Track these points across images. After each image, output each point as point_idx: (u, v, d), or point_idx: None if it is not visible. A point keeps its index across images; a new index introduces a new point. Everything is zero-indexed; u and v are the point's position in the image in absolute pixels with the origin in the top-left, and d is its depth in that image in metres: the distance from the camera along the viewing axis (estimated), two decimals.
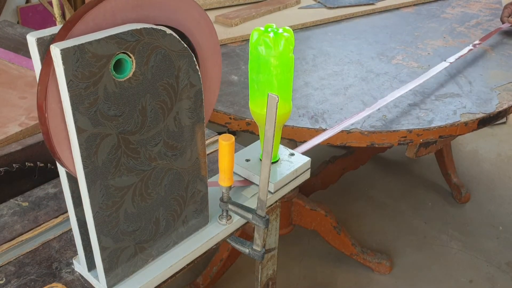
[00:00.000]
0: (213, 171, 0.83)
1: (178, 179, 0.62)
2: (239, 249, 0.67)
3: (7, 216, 0.73)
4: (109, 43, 0.48)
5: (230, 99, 1.12)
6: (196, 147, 0.62)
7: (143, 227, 0.60)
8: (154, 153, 0.57)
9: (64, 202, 0.74)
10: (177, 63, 0.55)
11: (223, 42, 1.43)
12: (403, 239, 1.81)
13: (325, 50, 1.41)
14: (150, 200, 0.59)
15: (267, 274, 0.91)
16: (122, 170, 0.54)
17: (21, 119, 0.88)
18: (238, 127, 1.07)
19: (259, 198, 0.62)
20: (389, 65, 1.32)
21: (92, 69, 0.47)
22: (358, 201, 1.98)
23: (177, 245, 0.65)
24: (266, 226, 0.63)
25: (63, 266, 0.64)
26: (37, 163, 0.82)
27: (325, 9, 1.70)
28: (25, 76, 1.04)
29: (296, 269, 1.67)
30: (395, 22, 1.65)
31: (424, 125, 1.03)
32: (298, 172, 0.77)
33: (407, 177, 2.14)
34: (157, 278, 0.61)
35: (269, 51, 0.66)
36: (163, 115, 0.56)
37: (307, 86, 1.20)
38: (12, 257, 0.66)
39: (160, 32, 0.52)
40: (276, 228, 0.87)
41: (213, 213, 0.69)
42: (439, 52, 1.40)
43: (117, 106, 0.51)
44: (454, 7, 1.83)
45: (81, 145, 0.49)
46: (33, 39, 0.48)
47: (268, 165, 0.59)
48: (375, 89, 1.18)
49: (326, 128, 1.01)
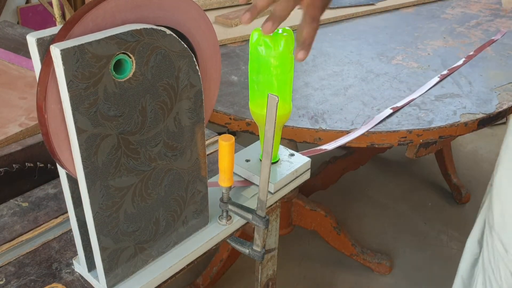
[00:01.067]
0: (213, 171, 0.83)
1: (178, 180, 0.62)
2: (239, 249, 0.67)
3: (7, 216, 0.73)
4: (109, 43, 0.48)
5: (230, 100, 1.12)
6: (196, 148, 0.62)
7: (143, 227, 0.60)
8: (154, 153, 0.57)
9: (64, 203, 0.74)
10: (177, 63, 0.55)
11: (223, 43, 1.43)
12: (403, 240, 1.80)
13: (325, 51, 1.41)
14: (150, 200, 0.59)
15: (267, 275, 0.91)
16: (122, 171, 0.54)
17: (21, 120, 0.88)
18: (238, 128, 1.07)
19: (259, 199, 0.62)
20: (389, 65, 1.32)
21: (92, 70, 0.47)
22: (358, 202, 1.98)
23: (177, 246, 0.65)
24: (266, 226, 0.63)
25: (63, 267, 0.64)
26: (37, 163, 0.82)
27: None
28: (25, 77, 1.04)
29: (296, 269, 1.67)
30: (395, 23, 1.65)
31: (424, 126, 1.03)
32: (298, 173, 0.77)
33: (407, 177, 2.14)
34: (157, 279, 0.61)
35: (269, 51, 0.66)
36: (163, 115, 0.56)
37: (307, 86, 1.20)
38: (12, 258, 0.66)
39: (160, 32, 0.52)
40: (276, 228, 0.87)
41: (213, 213, 0.69)
42: (439, 52, 1.40)
43: (117, 107, 0.51)
44: (454, 7, 1.83)
45: (81, 146, 0.49)
46: (33, 40, 0.48)
47: (268, 165, 0.59)
48: (375, 90, 1.18)
49: (326, 128, 1.01)
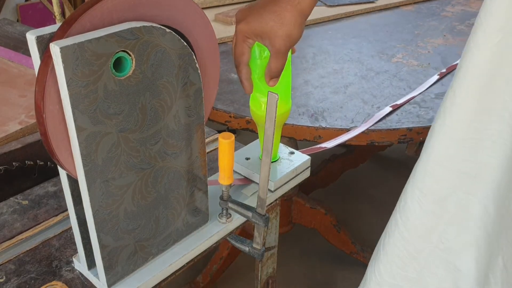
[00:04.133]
0: (213, 169, 0.83)
1: (178, 178, 0.62)
2: (239, 247, 0.67)
3: (7, 214, 0.73)
4: (108, 41, 0.48)
5: (230, 98, 1.12)
6: (196, 146, 0.62)
7: (143, 225, 0.60)
8: (154, 151, 0.57)
9: (64, 201, 0.74)
10: (176, 61, 0.55)
11: (223, 41, 1.43)
12: None
13: (325, 48, 1.41)
14: (150, 198, 0.59)
15: (267, 273, 0.91)
16: (122, 169, 0.54)
17: (21, 118, 0.88)
18: (238, 126, 1.07)
19: (259, 197, 0.62)
20: (389, 63, 1.32)
21: (92, 68, 0.47)
22: (358, 200, 1.98)
23: (177, 244, 0.65)
24: (266, 224, 0.63)
25: (63, 264, 0.64)
26: (37, 161, 0.82)
27: (325, 7, 1.70)
28: (24, 75, 1.04)
29: (296, 267, 1.67)
30: (395, 21, 1.65)
31: (424, 123, 1.03)
32: (298, 171, 0.77)
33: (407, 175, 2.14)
34: (157, 277, 0.61)
35: (261, 52, 0.66)
36: (162, 113, 0.56)
37: (307, 84, 1.20)
38: (12, 256, 0.66)
39: (160, 30, 0.52)
40: (276, 226, 0.87)
41: (213, 211, 0.69)
42: (439, 50, 1.40)
43: (117, 105, 0.51)
44: (454, 5, 1.83)
45: (81, 144, 0.49)
46: (32, 38, 0.48)
47: (268, 163, 0.59)
48: (375, 88, 1.18)
49: (326, 126, 1.01)
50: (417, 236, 0.73)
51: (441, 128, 0.67)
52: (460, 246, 0.70)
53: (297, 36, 0.61)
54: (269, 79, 0.66)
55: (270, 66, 0.64)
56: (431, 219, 0.71)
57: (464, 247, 0.70)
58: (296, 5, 0.59)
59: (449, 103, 0.66)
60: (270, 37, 0.61)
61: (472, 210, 0.68)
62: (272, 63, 0.64)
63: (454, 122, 0.66)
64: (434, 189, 0.70)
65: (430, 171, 0.70)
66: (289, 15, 0.60)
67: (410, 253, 0.74)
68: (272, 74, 0.65)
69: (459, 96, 0.65)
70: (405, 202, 0.74)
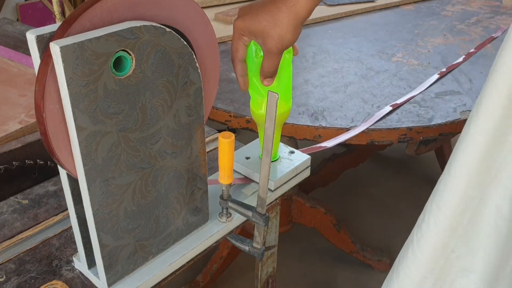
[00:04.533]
0: (213, 168, 0.83)
1: (178, 177, 0.62)
2: (239, 246, 0.67)
3: (7, 213, 0.73)
4: (109, 40, 0.48)
5: (230, 97, 1.12)
6: (196, 145, 0.62)
7: (143, 224, 0.60)
8: (154, 151, 0.57)
9: (64, 200, 0.74)
10: (177, 61, 0.55)
11: (223, 40, 1.42)
12: (403, 237, 1.80)
13: (325, 48, 1.41)
14: (150, 197, 0.59)
15: (267, 272, 0.91)
16: (122, 168, 0.54)
17: (21, 117, 0.88)
18: (238, 125, 1.07)
19: (259, 196, 0.62)
20: (389, 62, 1.32)
21: (92, 67, 0.47)
22: (358, 199, 1.98)
23: (177, 243, 0.65)
24: (266, 224, 0.63)
25: (63, 264, 0.64)
26: (37, 160, 0.82)
27: (325, 6, 1.70)
28: (24, 74, 1.04)
29: (296, 266, 1.67)
30: (395, 20, 1.65)
31: (424, 123, 1.03)
32: (298, 170, 0.77)
33: (407, 175, 2.14)
34: (157, 276, 0.61)
35: (258, 52, 0.66)
36: (163, 112, 0.56)
37: (307, 83, 1.20)
38: (12, 255, 0.66)
39: (160, 29, 0.52)
40: (276, 225, 0.87)
41: (213, 211, 0.69)
42: (439, 49, 1.40)
43: (117, 104, 0.51)
44: (454, 4, 1.83)
45: (81, 143, 0.49)
46: (32, 37, 0.48)
47: (268, 163, 0.59)
48: (375, 87, 1.18)
49: (326, 126, 1.01)
50: (429, 254, 0.75)
51: (464, 138, 0.69)
52: (470, 249, 0.71)
53: (290, 38, 0.60)
54: (263, 78, 0.66)
55: (262, 66, 0.64)
56: (446, 235, 0.73)
57: (475, 249, 0.71)
58: (291, 7, 0.59)
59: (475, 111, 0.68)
60: (263, 37, 0.61)
61: (484, 211, 0.69)
62: (265, 63, 0.64)
63: (478, 130, 0.67)
64: (451, 203, 0.71)
65: (449, 185, 0.71)
66: (283, 16, 0.59)
67: (422, 273, 0.75)
68: (265, 74, 0.65)
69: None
70: (423, 216, 0.75)
